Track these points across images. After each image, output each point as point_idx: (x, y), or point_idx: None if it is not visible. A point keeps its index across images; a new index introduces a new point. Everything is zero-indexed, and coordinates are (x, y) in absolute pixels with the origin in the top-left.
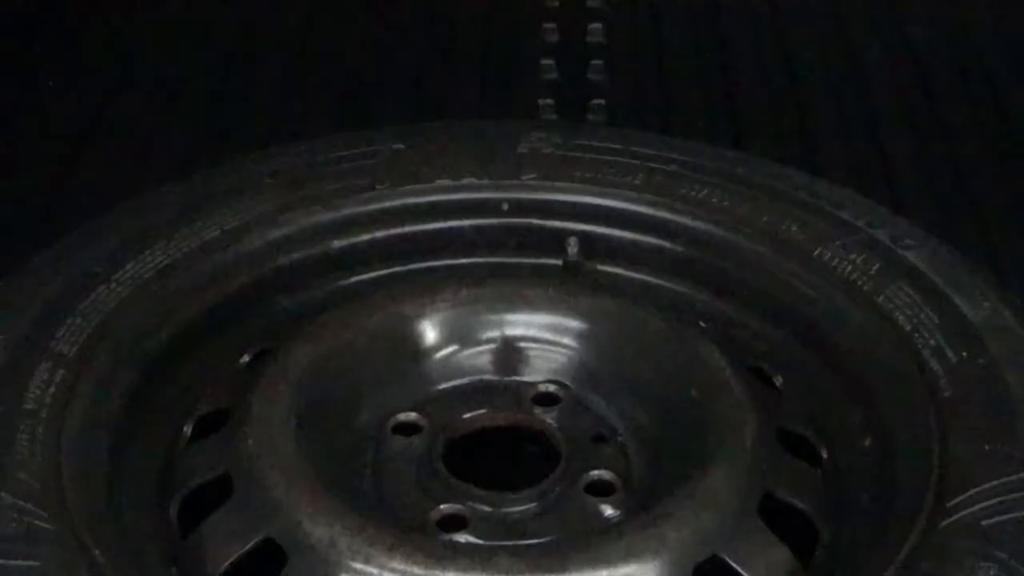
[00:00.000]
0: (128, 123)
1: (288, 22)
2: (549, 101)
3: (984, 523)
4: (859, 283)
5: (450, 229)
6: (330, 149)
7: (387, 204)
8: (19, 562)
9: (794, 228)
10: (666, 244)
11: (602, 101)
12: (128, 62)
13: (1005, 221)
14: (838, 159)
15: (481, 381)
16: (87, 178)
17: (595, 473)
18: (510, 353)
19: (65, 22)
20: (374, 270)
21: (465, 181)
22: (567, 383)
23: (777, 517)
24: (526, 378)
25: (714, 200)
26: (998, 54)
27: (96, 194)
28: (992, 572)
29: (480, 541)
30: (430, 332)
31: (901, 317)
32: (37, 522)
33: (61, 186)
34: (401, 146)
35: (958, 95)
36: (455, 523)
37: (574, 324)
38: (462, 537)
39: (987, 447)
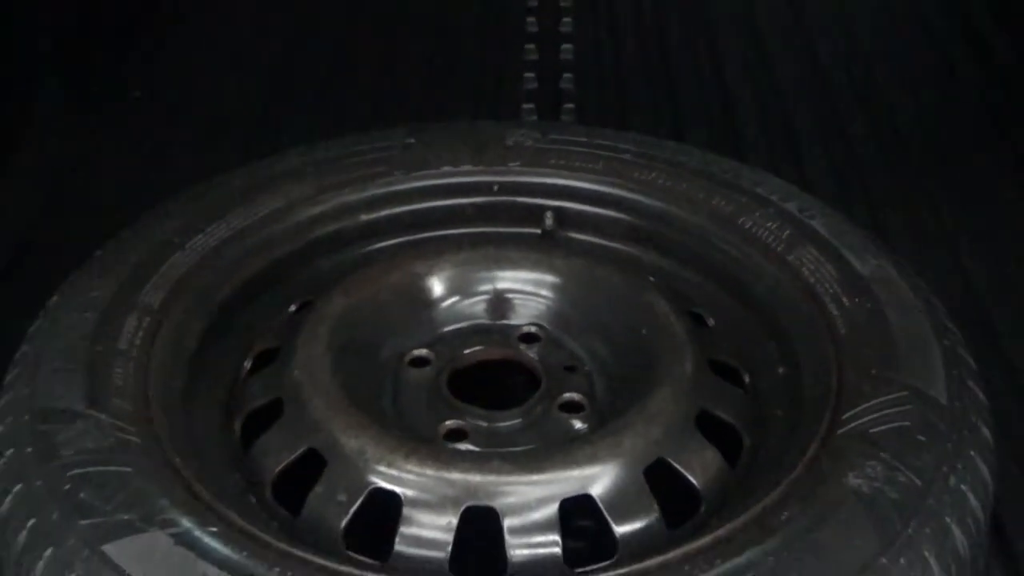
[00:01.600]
0: (197, 125)
1: (321, 49)
2: (530, 105)
3: (871, 431)
4: (774, 245)
5: (452, 206)
6: (357, 144)
7: (402, 187)
8: (114, 468)
9: (722, 202)
10: (622, 216)
11: (572, 105)
12: (189, 82)
13: (889, 197)
14: (758, 148)
15: (477, 324)
16: (165, 166)
17: (567, 395)
18: (500, 302)
19: (145, 46)
20: (393, 238)
21: (464, 168)
22: (545, 325)
23: (710, 428)
24: (513, 322)
25: (659, 181)
26: (885, 64)
27: (172, 179)
28: (877, 468)
29: (478, 449)
30: (437, 286)
31: (806, 271)
32: (129, 437)
33: (145, 173)
34: (413, 141)
35: (853, 99)
36: (458, 435)
37: (550, 279)
38: (463, 446)
39: (873, 372)
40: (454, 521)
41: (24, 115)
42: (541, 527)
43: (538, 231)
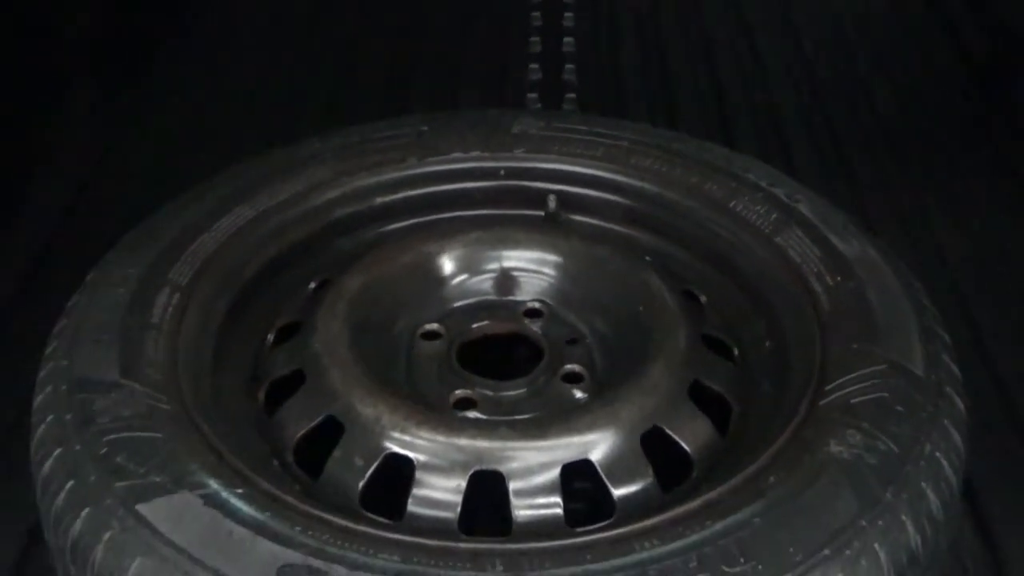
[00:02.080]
0: (221, 114)
1: (337, 44)
2: (535, 95)
3: (852, 401)
4: (762, 227)
5: (462, 189)
6: (373, 131)
7: (415, 171)
8: (147, 434)
9: (714, 187)
10: (620, 199)
11: (573, 95)
12: (216, 77)
13: (871, 182)
14: (747, 136)
15: (485, 300)
16: (192, 154)
17: (569, 367)
18: (506, 280)
19: (179, 40)
20: (406, 220)
21: (472, 154)
22: (548, 301)
23: (701, 398)
24: (518, 298)
25: (655, 167)
26: (869, 59)
27: (199, 165)
28: (857, 436)
29: (485, 417)
30: (448, 265)
31: (792, 252)
32: (161, 405)
33: (173, 160)
34: (425, 128)
35: (838, 90)
36: (467, 404)
37: (553, 258)
38: (472, 414)
39: (855, 346)
40: (463, 484)
41: (58, 110)
42: (544, 490)
43: (542, 213)
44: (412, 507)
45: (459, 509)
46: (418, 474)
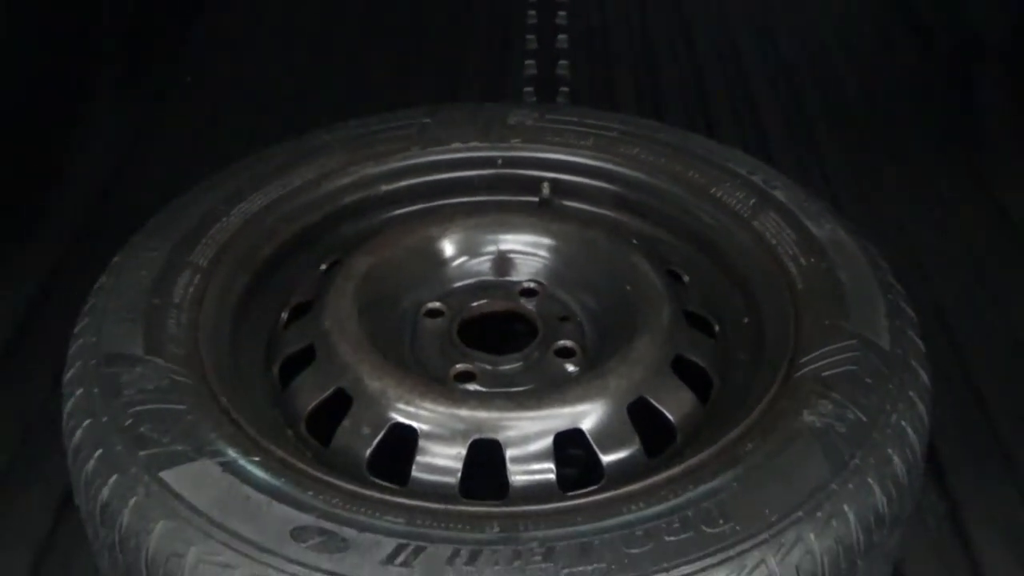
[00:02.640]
0: (239, 109)
1: (346, 43)
2: (530, 89)
3: (824, 374)
4: (741, 212)
5: (461, 177)
6: (379, 123)
7: (418, 160)
8: (169, 406)
9: (697, 175)
10: (609, 186)
11: (566, 89)
12: (226, 78)
13: (841, 171)
14: (728, 128)
15: (484, 281)
16: (211, 145)
17: (561, 343)
18: (503, 261)
19: (197, 39)
20: (410, 206)
21: (472, 144)
22: (543, 282)
23: (684, 371)
24: (514, 278)
25: (642, 155)
26: (840, 53)
27: (218, 153)
28: (828, 406)
29: (484, 389)
30: (449, 247)
31: (769, 235)
32: (182, 379)
33: (194, 151)
34: (427, 120)
35: (811, 84)
36: (467, 377)
37: (547, 241)
38: (472, 386)
39: (826, 323)
40: (463, 451)
41: (84, 100)
42: (538, 456)
43: (536, 199)
44: (416, 473)
45: (459, 475)
46: (421, 442)
